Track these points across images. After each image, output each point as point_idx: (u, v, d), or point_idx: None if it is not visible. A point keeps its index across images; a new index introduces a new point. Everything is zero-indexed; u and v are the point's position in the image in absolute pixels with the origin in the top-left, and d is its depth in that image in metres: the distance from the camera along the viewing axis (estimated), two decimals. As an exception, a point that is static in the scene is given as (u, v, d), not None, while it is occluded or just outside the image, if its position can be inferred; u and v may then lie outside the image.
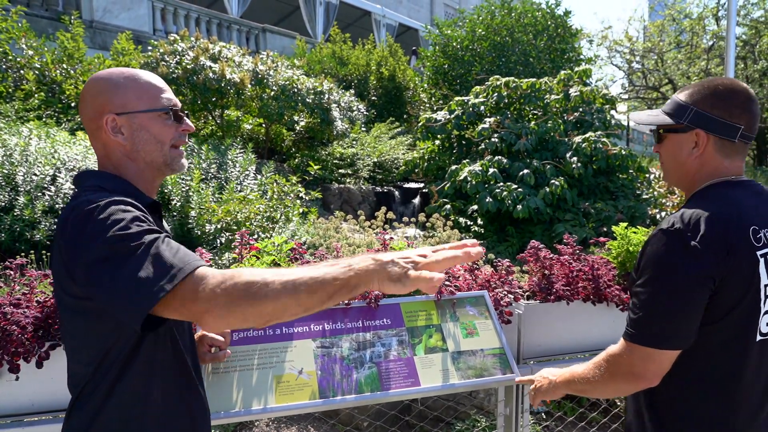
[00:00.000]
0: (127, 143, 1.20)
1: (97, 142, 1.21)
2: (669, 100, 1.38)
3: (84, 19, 10.31)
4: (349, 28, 18.35)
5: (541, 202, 6.31)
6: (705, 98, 1.29)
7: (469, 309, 1.93)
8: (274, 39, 14.95)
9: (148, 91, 1.22)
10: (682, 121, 1.31)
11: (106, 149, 1.21)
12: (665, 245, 1.21)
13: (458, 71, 12.30)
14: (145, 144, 1.21)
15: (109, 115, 1.18)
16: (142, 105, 1.20)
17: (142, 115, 1.20)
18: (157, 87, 1.24)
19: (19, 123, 5.59)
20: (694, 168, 1.34)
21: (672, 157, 1.37)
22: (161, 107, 1.23)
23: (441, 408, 3.15)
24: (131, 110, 1.19)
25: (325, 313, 1.78)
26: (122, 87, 1.19)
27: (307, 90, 8.02)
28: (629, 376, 1.26)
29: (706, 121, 1.29)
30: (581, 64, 11.79)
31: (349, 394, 1.63)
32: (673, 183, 1.42)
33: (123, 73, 1.21)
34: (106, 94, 1.19)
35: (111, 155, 1.21)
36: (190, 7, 13.14)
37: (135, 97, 1.20)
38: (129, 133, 1.19)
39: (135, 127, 1.20)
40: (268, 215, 4.99)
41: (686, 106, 1.31)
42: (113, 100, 1.18)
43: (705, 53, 17.77)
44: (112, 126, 1.18)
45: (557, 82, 8.05)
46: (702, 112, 1.29)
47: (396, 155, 9.20)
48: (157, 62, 7.26)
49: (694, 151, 1.32)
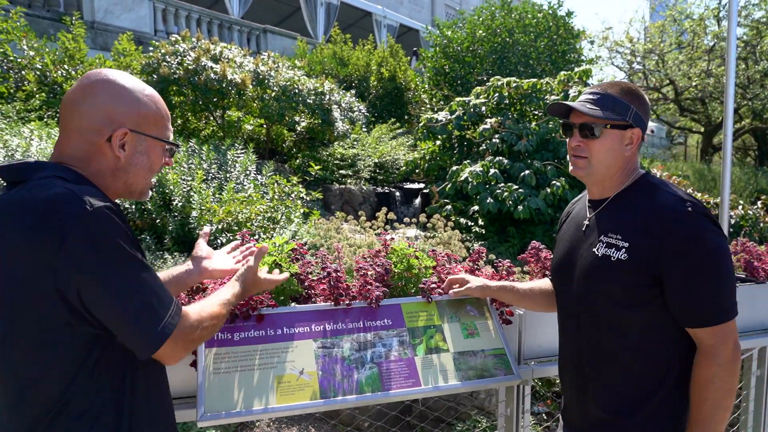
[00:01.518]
0: (122, 160, 1.13)
1: (83, 144, 1.10)
2: (599, 96, 1.42)
3: (85, 19, 10.32)
4: (350, 29, 18.35)
5: (542, 202, 6.31)
6: (637, 100, 1.42)
7: (469, 309, 1.93)
8: (275, 40, 14.96)
9: (162, 118, 1.20)
10: (627, 119, 1.40)
11: (93, 152, 1.11)
12: (702, 223, 1.28)
13: (459, 72, 12.30)
14: (139, 168, 1.17)
15: (123, 128, 1.12)
16: (155, 131, 1.18)
17: (151, 140, 1.17)
18: (167, 116, 1.22)
19: (20, 124, 5.59)
20: (625, 162, 1.44)
21: (610, 151, 1.42)
22: (168, 139, 1.21)
23: (442, 408, 3.15)
24: (145, 132, 1.16)
25: (326, 314, 1.78)
26: (144, 105, 1.15)
27: (308, 91, 8.03)
28: (739, 348, 1.31)
29: (640, 122, 1.42)
30: (582, 65, 11.79)
31: (350, 394, 1.63)
32: (600, 175, 1.46)
33: (144, 90, 1.17)
34: (126, 105, 1.13)
35: (95, 160, 1.12)
36: (192, 8, 13.15)
37: (153, 121, 1.17)
38: (131, 152, 1.14)
39: (139, 149, 1.15)
40: (269, 216, 4.99)
41: (628, 105, 1.40)
42: (132, 115, 1.13)
43: (706, 54, 17.76)
44: (120, 140, 1.12)
45: (557, 82, 8.06)
46: (638, 113, 1.41)
47: (397, 156, 9.20)
48: (158, 63, 7.27)
49: (627, 147, 1.43)
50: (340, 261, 2.33)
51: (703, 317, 1.29)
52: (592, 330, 1.45)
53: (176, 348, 1.06)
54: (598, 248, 1.41)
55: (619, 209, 1.43)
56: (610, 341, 1.40)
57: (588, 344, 1.46)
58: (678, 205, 1.30)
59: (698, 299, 1.29)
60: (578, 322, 1.49)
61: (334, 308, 1.80)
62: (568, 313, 1.54)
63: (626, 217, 1.39)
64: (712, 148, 21.04)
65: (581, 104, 1.43)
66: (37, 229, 0.94)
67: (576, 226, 1.55)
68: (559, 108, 1.48)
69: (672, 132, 29.53)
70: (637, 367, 1.38)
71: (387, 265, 1.98)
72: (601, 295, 1.40)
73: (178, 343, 1.06)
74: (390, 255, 2.10)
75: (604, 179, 1.46)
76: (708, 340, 1.30)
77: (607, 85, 1.44)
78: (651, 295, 1.33)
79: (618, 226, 1.39)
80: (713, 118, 20.10)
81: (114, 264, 0.98)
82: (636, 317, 1.36)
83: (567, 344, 1.58)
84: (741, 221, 6.80)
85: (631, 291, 1.34)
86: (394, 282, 2.02)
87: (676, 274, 1.29)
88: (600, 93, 1.42)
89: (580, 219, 1.55)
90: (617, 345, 1.39)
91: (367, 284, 1.86)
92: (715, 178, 12.84)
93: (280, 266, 1.81)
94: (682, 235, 1.27)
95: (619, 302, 1.36)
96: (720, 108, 18.83)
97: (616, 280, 1.35)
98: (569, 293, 1.52)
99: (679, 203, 1.30)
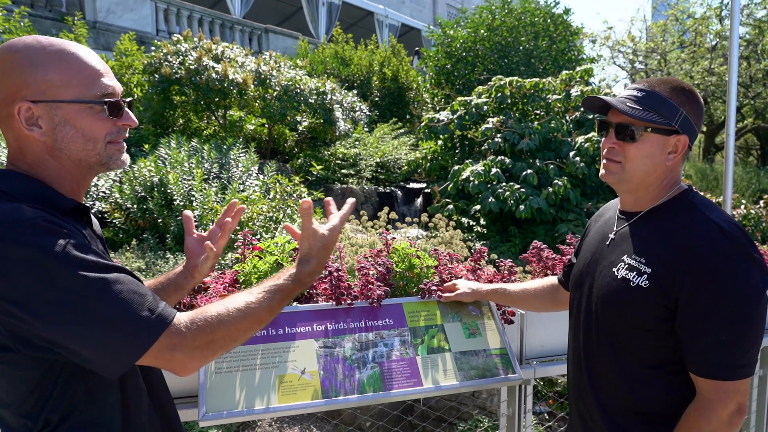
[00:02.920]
0: (46, 138, 0.94)
1: (8, 132, 0.95)
2: (645, 93, 1.23)
3: (87, 20, 10.33)
4: (352, 29, 18.36)
5: (543, 202, 6.30)
6: (692, 103, 1.23)
7: (471, 309, 1.93)
8: (277, 39, 14.97)
9: (77, 74, 0.94)
10: (673, 123, 1.21)
11: (19, 142, 0.95)
12: (738, 264, 1.10)
13: (461, 71, 12.29)
14: (69, 141, 0.95)
15: (23, 102, 0.91)
16: (68, 93, 0.94)
17: (67, 106, 0.94)
18: (90, 68, 0.97)
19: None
20: (665, 172, 1.26)
21: (648, 158, 1.23)
22: (92, 98, 0.96)
23: (443, 408, 3.15)
24: (52, 98, 0.92)
25: (327, 313, 1.78)
26: (42, 66, 0.91)
27: (310, 90, 8.03)
28: (743, 413, 1.14)
29: (690, 128, 1.23)
30: (583, 64, 11.78)
31: (351, 394, 1.63)
32: (634, 184, 1.28)
33: (45, 47, 0.93)
34: (20, 73, 0.91)
35: (26, 150, 0.96)
36: (193, 8, 13.16)
37: (60, 82, 0.93)
38: (49, 127, 0.94)
39: (57, 121, 0.94)
40: (271, 215, 5.00)
41: (677, 108, 1.21)
42: (29, 83, 0.91)
43: (708, 53, 17.71)
44: (26, 116, 0.92)
45: (559, 81, 8.04)
46: (688, 118, 1.22)
47: (398, 155, 9.20)
48: (160, 63, 7.28)
49: (670, 156, 1.24)
50: (341, 260, 2.33)
51: (705, 367, 1.14)
52: (594, 344, 1.34)
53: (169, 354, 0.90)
54: (618, 269, 1.26)
55: (650, 228, 1.25)
56: (610, 361, 1.29)
57: (587, 356, 1.37)
58: (714, 238, 1.12)
59: (706, 347, 1.13)
60: (585, 332, 1.39)
61: (335, 308, 1.80)
62: (577, 322, 1.44)
63: (655, 239, 1.22)
64: (714, 147, 20.99)
65: (621, 101, 1.24)
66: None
67: (602, 236, 1.40)
68: (595, 102, 1.29)
69: (674, 131, 29.42)
70: (635, 390, 1.25)
71: (389, 264, 1.98)
72: (614, 316, 1.27)
73: (165, 348, 0.90)
74: (392, 254, 2.10)
75: (638, 189, 1.29)
76: (706, 393, 1.15)
77: (657, 82, 1.24)
78: (665, 327, 1.19)
79: (644, 249, 1.23)
80: (715, 117, 20.05)
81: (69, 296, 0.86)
82: (643, 341, 1.23)
83: (570, 348, 1.50)
84: (743, 221, 6.78)
85: (645, 319, 1.20)
86: (395, 281, 2.02)
87: (689, 314, 1.14)
88: (646, 90, 1.23)
89: (607, 230, 1.40)
90: (618, 366, 1.28)
91: (368, 284, 1.86)
92: (717, 178, 12.81)
93: (282, 266, 1.81)
94: (709, 272, 1.10)
95: (629, 326, 1.24)
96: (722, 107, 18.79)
97: (630, 305, 1.22)
98: (580, 305, 1.41)
99: (717, 235, 1.12)
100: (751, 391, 2.46)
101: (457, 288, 1.87)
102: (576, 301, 1.45)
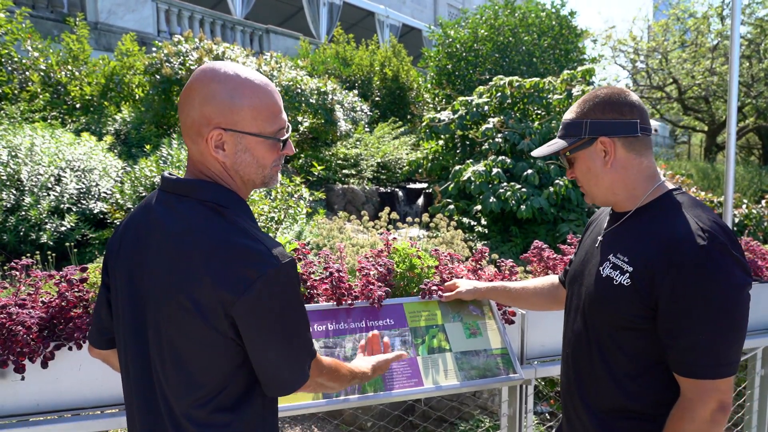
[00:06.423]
0: (226, 160, 1.10)
1: (194, 147, 1.11)
2: (561, 127, 1.37)
3: (89, 20, 10.35)
4: (353, 29, 18.35)
5: (545, 202, 6.29)
6: (593, 108, 1.31)
7: (472, 309, 1.93)
8: (278, 40, 14.97)
9: (263, 111, 1.10)
10: (582, 135, 1.31)
11: (203, 157, 1.11)
12: (717, 260, 1.12)
13: (462, 71, 12.29)
14: (246, 166, 1.12)
15: (216, 130, 1.07)
16: (254, 126, 1.09)
17: (250, 137, 1.10)
18: (274, 106, 1.12)
19: (24, 124, 5.61)
20: (618, 175, 1.31)
21: (589, 173, 1.34)
22: (271, 133, 1.12)
23: (444, 408, 3.15)
24: (241, 129, 1.08)
25: (328, 313, 1.79)
26: (239, 100, 1.07)
27: (311, 90, 8.03)
28: (726, 411, 1.15)
29: (603, 126, 1.29)
30: (585, 64, 11.76)
31: (352, 394, 1.63)
32: (601, 199, 1.37)
33: (243, 82, 1.08)
34: (219, 103, 1.06)
35: (209, 165, 1.12)
36: (194, 9, 13.17)
37: (250, 116, 1.08)
38: (231, 151, 1.10)
39: (239, 148, 1.10)
40: (272, 216, 5.00)
41: (580, 122, 1.32)
42: (225, 114, 1.06)
43: (710, 52, 17.70)
44: (216, 142, 1.08)
45: (560, 81, 8.04)
46: (596, 120, 1.30)
47: (399, 155, 9.20)
48: (161, 63, 7.29)
49: (606, 159, 1.30)
50: (342, 261, 2.33)
51: (685, 366, 1.15)
52: (583, 343, 1.37)
53: None
54: (603, 268, 1.31)
55: (633, 228, 1.29)
56: (596, 360, 1.32)
57: (574, 355, 1.40)
58: (691, 235, 1.14)
59: (686, 346, 1.14)
60: (574, 331, 1.42)
61: (336, 308, 1.80)
62: (567, 320, 1.48)
63: (638, 238, 1.25)
64: (715, 146, 20.97)
65: (545, 147, 1.39)
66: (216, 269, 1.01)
67: (594, 237, 1.45)
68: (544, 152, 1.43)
69: (675, 131, 29.45)
70: (621, 389, 1.28)
71: (389, 264, 1.98)
72: (599, 315, 1.31)
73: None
74: (392, 255, 2.10)
75: (608, 198, 1.36)
76: (688, 393, 1.16)
77: (568, 111, 1.37)
78: (649, 327, 1.21)
79: (627, 247, 1.27)
80: (717, 116, 20.03)
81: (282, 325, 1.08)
82: (629, 341, 1.26)
83: (563, 347, 1.52)
84: (745, 220, 6.76)
85: (629, 318, 1.23)
86: (396, 282, 2.02)
87: (669, 313, 1.15)
88: (562, 123, 1.37)
89: (598, 230, 1.45)
90: (603, 365, 1.30)
91: (369, 284, 1.86)
92: (718, 177, 12.79)
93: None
94: (687, 272, 1.12)
95: (615, 325, 1.27)
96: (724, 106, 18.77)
97: (613, 304, 1.25)
98: (572, 304, 1.45)
99: (695, 232, 1.14)
100: (753, 391, 2.47)
101: (458, 287, 1.88)
102: (569, 301, 1.48)
